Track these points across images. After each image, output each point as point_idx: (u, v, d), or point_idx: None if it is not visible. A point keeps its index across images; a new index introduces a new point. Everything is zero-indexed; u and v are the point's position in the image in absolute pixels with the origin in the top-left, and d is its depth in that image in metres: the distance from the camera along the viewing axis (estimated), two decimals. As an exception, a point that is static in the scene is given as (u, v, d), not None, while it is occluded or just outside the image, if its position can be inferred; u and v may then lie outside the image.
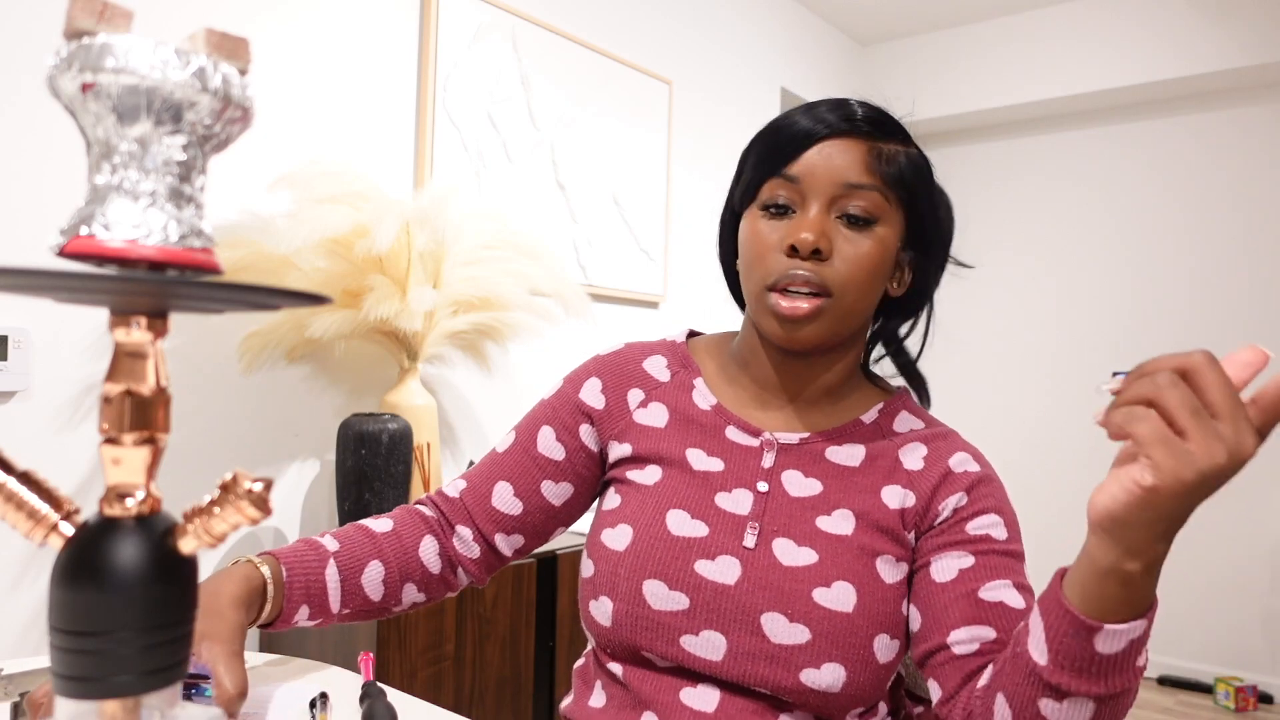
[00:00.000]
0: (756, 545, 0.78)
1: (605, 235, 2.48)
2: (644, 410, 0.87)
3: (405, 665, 1.47)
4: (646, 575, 0.78)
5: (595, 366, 0.92)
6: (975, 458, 0.83)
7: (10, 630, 1.41)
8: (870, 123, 0.79)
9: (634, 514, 0.82)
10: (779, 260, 0.77)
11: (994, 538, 0.77)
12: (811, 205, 0.77)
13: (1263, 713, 2.98)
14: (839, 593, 0.75)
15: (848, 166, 0.77)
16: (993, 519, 0.78)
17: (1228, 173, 3.27)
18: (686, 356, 0.91)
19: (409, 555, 0.86)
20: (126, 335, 0.40)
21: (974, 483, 0.80)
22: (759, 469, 0.82)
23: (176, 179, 0.38)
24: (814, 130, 0.78)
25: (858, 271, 0.77)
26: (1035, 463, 3.60)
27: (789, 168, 0.78)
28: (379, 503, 1.58)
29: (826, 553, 0.77)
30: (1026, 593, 0.75)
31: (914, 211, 0.81)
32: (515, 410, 2.24)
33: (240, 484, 0.40)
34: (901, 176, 0.79)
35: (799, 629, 0.73)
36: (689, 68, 2.80)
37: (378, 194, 1.64)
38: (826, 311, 0.77)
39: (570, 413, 0.89)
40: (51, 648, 0.38)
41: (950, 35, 3.65)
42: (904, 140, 0.82)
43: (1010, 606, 0.73)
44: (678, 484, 0.82)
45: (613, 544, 0.81)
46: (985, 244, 3.79)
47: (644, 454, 0.85)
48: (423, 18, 2.01)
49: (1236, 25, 3.05)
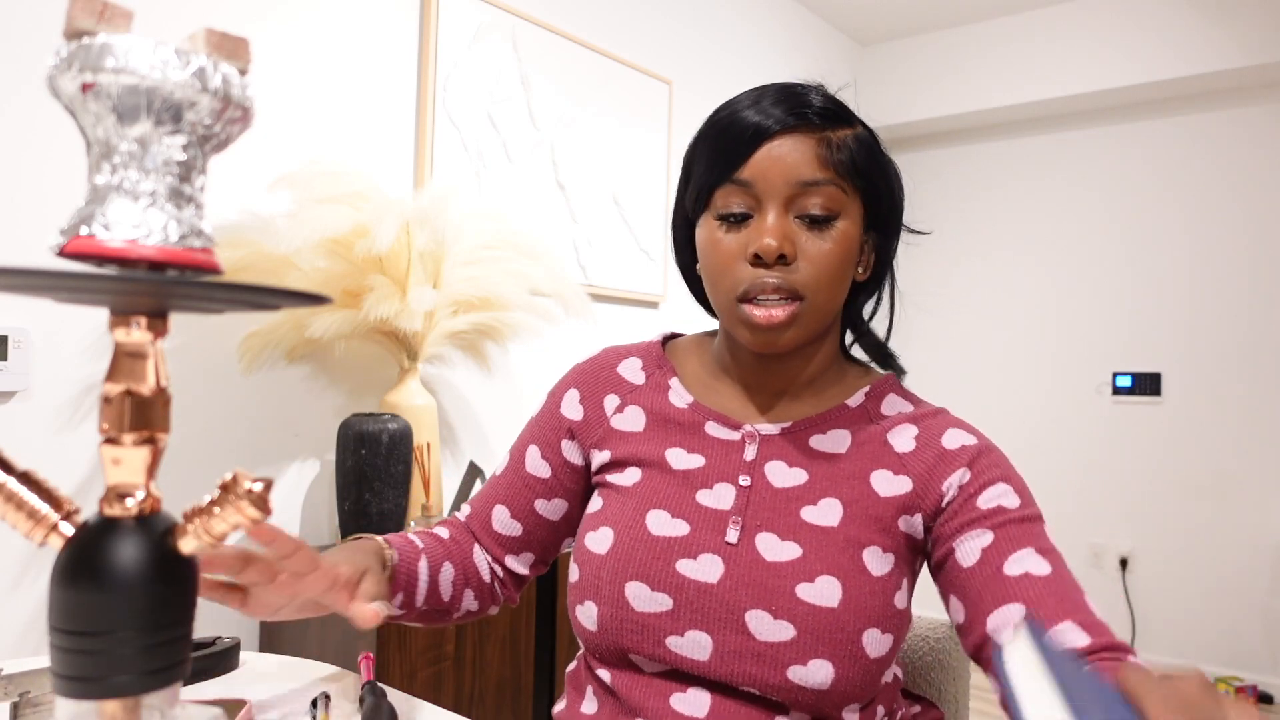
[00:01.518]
0: (739, 540, 0.76)
1: (605, 235, 2.48)
2: (620, 415, 0.87)
3: (405, 665, 1.47)
4: (628, 577, 0.77)
5: (573, 377, 0.92)
6: (969, 431, 0.81)
7: (10, 630, 1.41)
8: (820, 114, 0.76)
9: (614, 516, 0.82)
10: (745, 270, 0.75)
11: (1006, 507, 0.75)
12: (768, 209, 0.75)
13: (1263, 713, 2.98)
14: (823, 587, 0.73)
15: (801, 163, 0.74)
16: (1001, 488, 0.76)
17: (1228, 173, 3.27)
18: (662, 358, 0.90)
19: (469, 561, 0.88)
20: (126, 335, 0.40)
21: (974, 455, 0.78)
22: (741, 462, 0.81)
23: (176, 179, 0.38)
24: (762, 127, 0.75)
25: (825, 271, 0.75)
26: (1034, 462, 3.60)
27: (740, 172, 0.75)
28: (379, 503, 1.58)
29: (811, 546, 0.75)
30: (1051, 555, 0.73)
31: (872, 194, 0.79)
32: (515, 410, 2.24)
33: (240, 484, 0.40)
34: (855, 163, 0.76)
35: (784, 626, 0.72)
36: (689, 68, 2.80)
37: (378, 194, 1.63)
38: (801, 315, 0.76)
39: (553, 429, 0.90)
40: (51, 648, 0.38)
41: (950, 35, 3.65)
42: (850, 121, 0.79)
43: (1035, 575, 0.71)
44: (657, 484, 0.82)
45: (595, 548, 0.81)
46: (985, 244, 3.79)
47: (623, 458, 0.85)
48: (423, 18, 2.01)
49: (1236, 25, 3.05)
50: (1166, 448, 3.34)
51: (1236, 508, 3.20)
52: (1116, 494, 3.43)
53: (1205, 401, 3.27)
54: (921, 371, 3.82)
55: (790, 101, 0.76)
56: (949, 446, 0.79)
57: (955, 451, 0.78)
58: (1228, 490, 3.21)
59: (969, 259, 3.83)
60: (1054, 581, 0.71)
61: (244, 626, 1.68)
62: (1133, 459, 3.40)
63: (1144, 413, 3.39)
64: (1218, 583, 3.22)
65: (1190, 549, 3.27)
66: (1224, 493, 3.22)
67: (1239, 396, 3.21)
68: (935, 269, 3.89)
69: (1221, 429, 3.24)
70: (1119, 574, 3.40)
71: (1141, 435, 3.39)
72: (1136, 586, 3.37)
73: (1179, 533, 3.30)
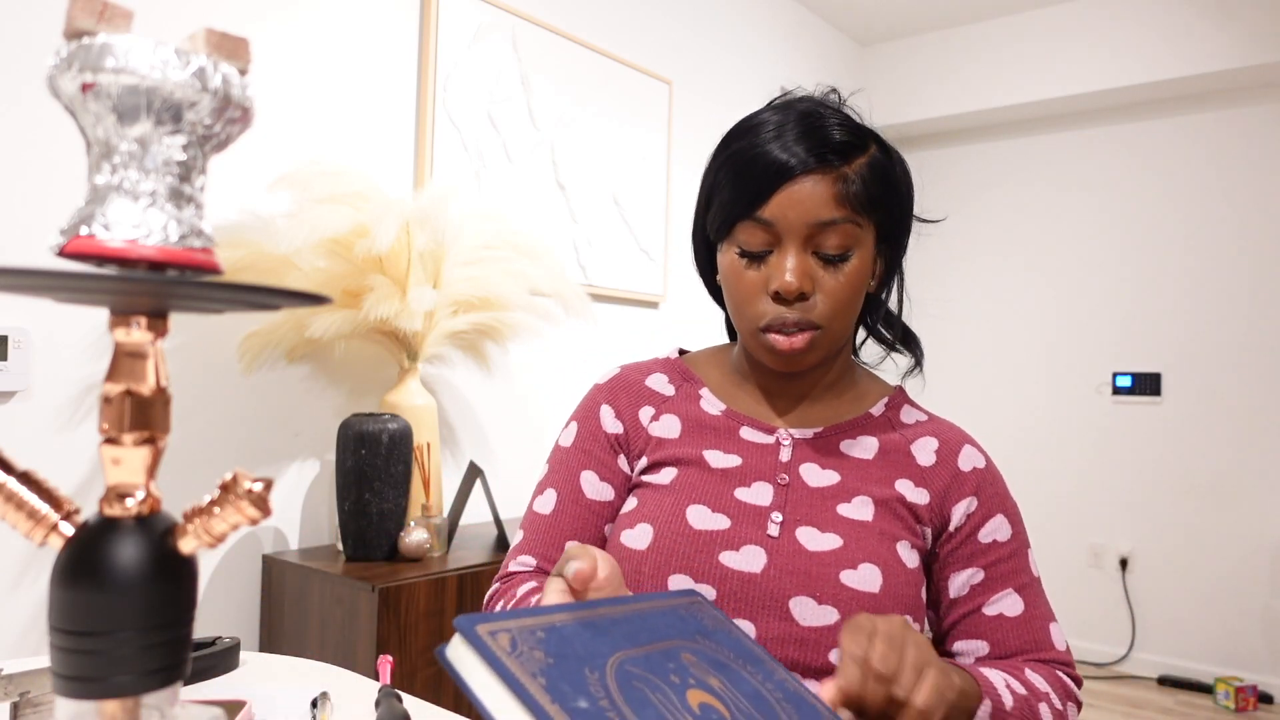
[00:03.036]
0: (780, 534, 0.79)
1: (605, 235, 2.48)
2: (657, 423, 0.89)
3: (405, 666, 1.47)
4: (672, 570, 0.79)
5: (602, 395, 0.92)
6: (980, 452, 0.88)
7: (10, 630, 1.41)
8: (840, 149, 0.78)
9: (652, 513, 0.83)
10: (767, 305, 0.80)
11: (999, 542, 0.83)
12: (788, 247, 0.78)
13: (1263, 713, 2.98)
14: (865, 574, 0.77)
15: (820, 205, 0.77)
16: (998, 521, 0.84)
17: (1228, 173, 3.27)
18: (687, 370, 0.93)
19: None
20: (126, 335, 0.40)
21: (980, 483, 0.85)
22: (777, 463, 0.84)
23: (176, 179, 0.38)
24: (786, 167, 0.77)
25: (841, 303, 0.80)
26: (1034, 462, 3.60)
27: (762, 210, 0.78)
28: (379, 503, 1.58)
29: (850, 537, 0.79)
30: (1027, 590, 0.83)
31: (884, 218, 0.82)
32: (515, 410, 2.24)
33: (240, 484, 0.40)
34: (869, 195, 0.79)
35: (828, 610, 0.75)
36: (689, 68, 2.80)
37: (378, 194, 1.63)
38: (819, 341, 0.81)
39: (604, 449, 0.90)
40: (52, 648, 0.38)
41: (950, 35, 3.65)
42: (864, 145, 0.81)
43: (1007, 617, 0.81)
44: (695, 480, 0.84)
45: (633, 544, 0.81)
46: (985, 244, 3.79)
47: (660, 460, 0.87)
48: (423, 18, 2.01)
49: (1236, 25, 3.05)
50: (1166, 448, 3.34)
51: (1236, 508, 3.20)
52: (1116, 494, 3.43)
53: (1205, 401, 3.27)
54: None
55: (812, 139, 0.78)
56: (963, 469, 0.85)
57: (967, 475, 0.85)
58: (1228, 490, 3.21)
59: (969, 259, 3.83)
60: (1021, 622, 0.81)
61: (244, 626, 1.68)
62: (1132, 459, 3.40)
63: (1144, 413, 3.39)
64: (1218, 583, 3.22)
65: (1190, 549, 3.27)
66: (1224, 493, 3.22)
67: (1239, 396, 3.21)
68: (935, 269, 3.89)
69: (1221, 429, 3.24)
70: (1119, 574, 3.40)
71: (1141, 435, 3.39)
72: (1136, 586, 3.37)
73: (1179, 533, 3.30)
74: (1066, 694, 0.79)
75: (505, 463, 2.19)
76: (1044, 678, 0.78)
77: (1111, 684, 3.23)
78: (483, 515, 2.08)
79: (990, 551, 0.83)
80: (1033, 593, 0.83)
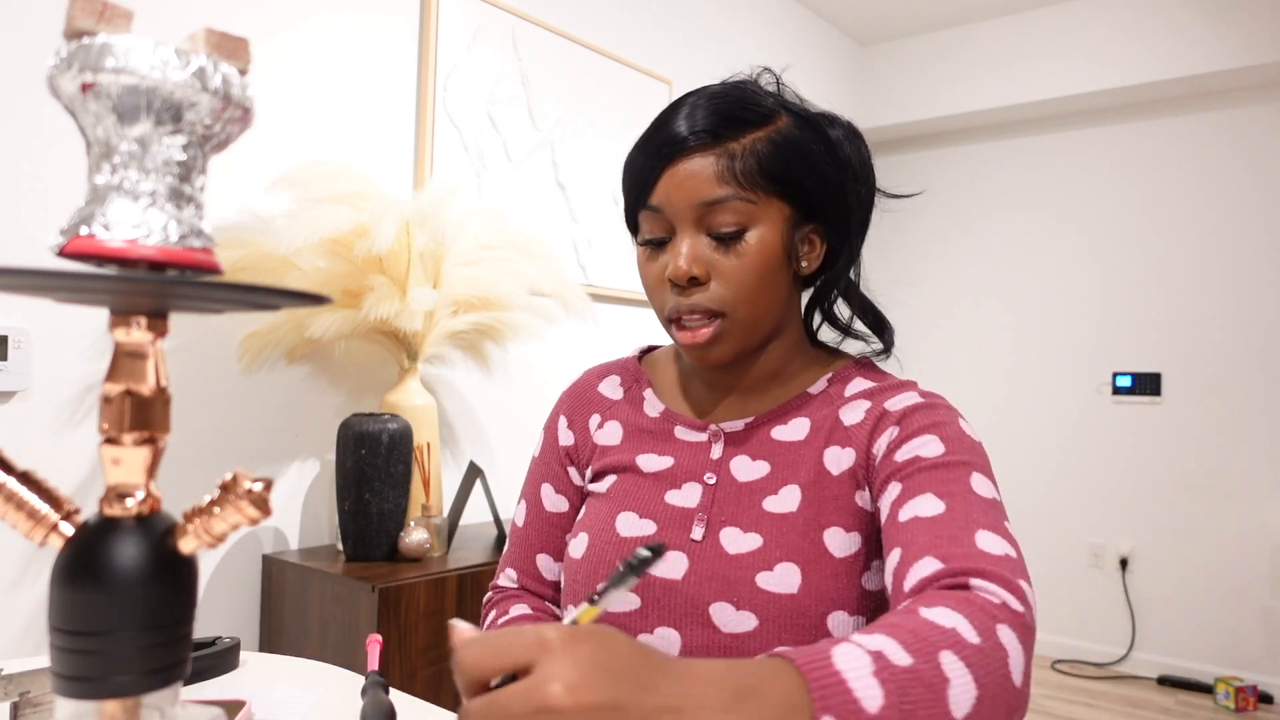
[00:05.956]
0: (704, 537, 0.77)
1: (605, 235, 2.48)
2: (601, 431, 0.90)
3: (405, 665, 1.47)
4: (599, 579, 0.78)
5: (561, 406, 0.94)
6: (922, 394, 0.77)
7: (10, 630, 1.41)
8: (712, 131, 0.74)
9: (589, 522, 0.84)
10: (668, 294, 0.78)
11: (923, 456, 0.70)
12: (680, 232, 0.76)
13: (1263, 713, 2.98)
14: (782, 574, 0.73)
15: (701, 184, 0.74)
16: (925, 439, 0.71)
17: (1229, 172, 3.27)
18: (638, 371, 0.93)
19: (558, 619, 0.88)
20: (126, 335, 0.40)
21: (906, 413, 0.75)
22: (707, 461, 0.82)
23: (176, 179, 0.38)
24: (661, 153, 0.76)
25: (742, 285, 0.75)
26: (1034, 462, 3.60)
27: (651, 197, 0.77)
28: (379, 503, 1.58)
29: (771, 535, 0.75)
30: (954, 498, 0.66)
31: (795, 191, 0.76)
32: (515, 410, 2.24)
33: (240, 484, 0.40)
34: (762, 169, 0.75)
35: (746, 616, 0.72)
36: (689, 68, 2.80)
37: (378, 194, 1.63)
38: (726, 331, 0.77)
39: (558, 461, 0.92)
40: (51, 648, 0.38)
41: (950, 35, 3.65)
42: (761, 120, 0.76)
43: (921, 518, 0.65)
44: (628, 487, 0.84)
45: (574, 553, 0.83)
46: (985, 244, 3.79)
47: (602, 469, 0.88)
48: (423, 18, 2.01)
49: (1236, 25, 3.05)
50: (1166, 448, 3.34)
51: (1236, 508, 3.19)
52: (1116, 494, 3.43)
53: (1205, 401, 3.27)
54: (921, 371, 3.82)
55: (696, 117, 0.75)
56: (890, 410, 0.76)
57: (893, 413, 0.75)
58: (1228, 490, 3.21)
59: (968, 259, 3.83)
60: (938, 521, 0.64)
61: (244, 626, 1.68)
62: (1132, 459, 3.40)
63: (1144, 413, 3.39)
64: (1218, 583, 3.22)
65: (1190, 549, 3.27)
66: (1224, 493, 3.22)
67: (1239, 396, 3.21)
68: (935, 269, 3.89)
69: (1221, 429, 3.24)
70: (1119, 574, 3.40)
71: (1141, 435, 3.39)
72: (1136, 586, 3.37)
73: (1179, 533, 3.30)
74: (988, 616, 0.55)
75: (505, 463, 2.19)
76: (951, 608, 0.55)
77: (1111, 684, 3.23)
78: (483, 515, 2.08)
79: (908, 466, 0.70)
80: (963, 501, 0.65)
